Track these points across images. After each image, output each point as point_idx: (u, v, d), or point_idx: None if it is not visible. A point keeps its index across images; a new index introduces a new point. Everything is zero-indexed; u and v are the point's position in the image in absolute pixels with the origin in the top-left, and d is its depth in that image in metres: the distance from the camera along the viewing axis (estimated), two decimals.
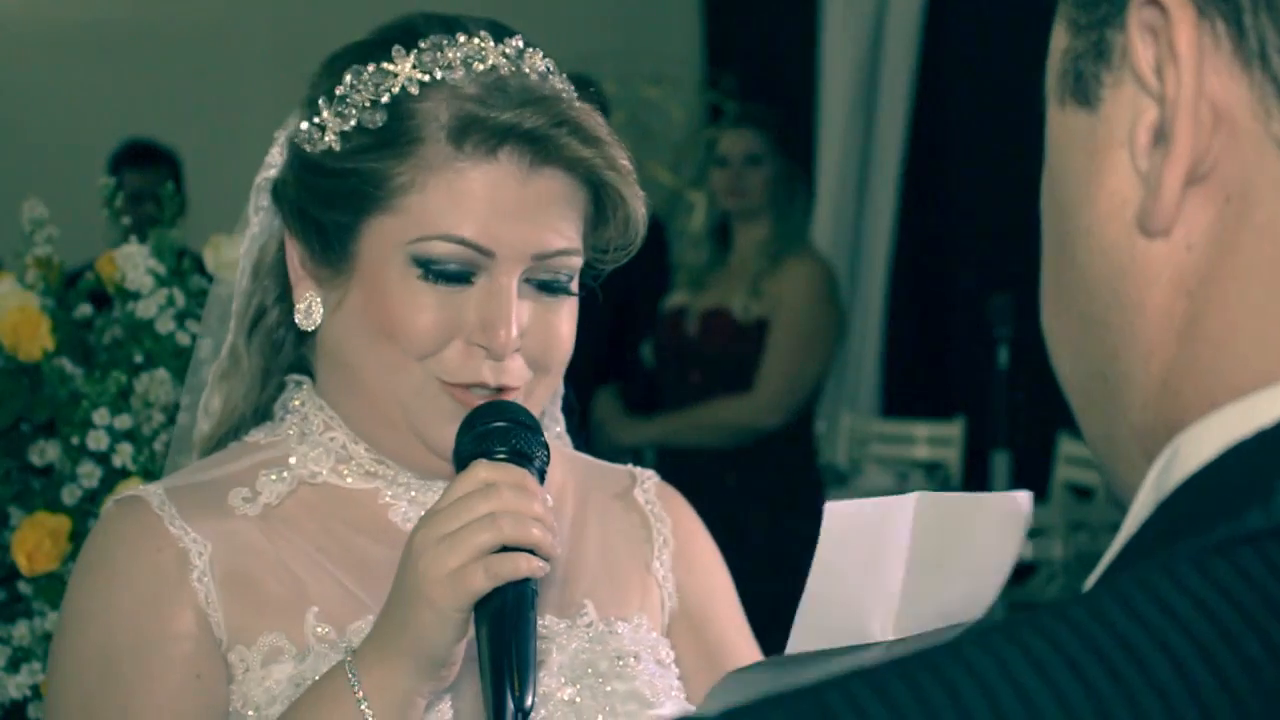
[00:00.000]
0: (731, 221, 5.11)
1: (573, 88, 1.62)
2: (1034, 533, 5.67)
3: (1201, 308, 0.71)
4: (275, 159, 1.66)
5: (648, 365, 5.43)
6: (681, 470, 4.93)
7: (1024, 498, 1.44)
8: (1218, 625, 0.62)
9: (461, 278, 1.55)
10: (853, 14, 7.46)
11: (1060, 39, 0.76)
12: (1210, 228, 0.71)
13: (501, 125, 1.53)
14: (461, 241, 1.54)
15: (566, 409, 1.82)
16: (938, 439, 6.79)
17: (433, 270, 1.54)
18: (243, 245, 1.71)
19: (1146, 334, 0.73)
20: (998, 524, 1.44)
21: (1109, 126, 0.73)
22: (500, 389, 1.57)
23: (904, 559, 1.36)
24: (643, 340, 5.42)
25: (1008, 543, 1.45)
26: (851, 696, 0.62)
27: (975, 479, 6.22)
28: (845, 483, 6.11)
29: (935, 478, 6.50)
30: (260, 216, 1.69)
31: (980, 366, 4.53)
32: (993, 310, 4.41)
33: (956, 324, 7.18)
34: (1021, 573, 5.77)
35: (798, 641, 1.32)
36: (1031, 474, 5.91)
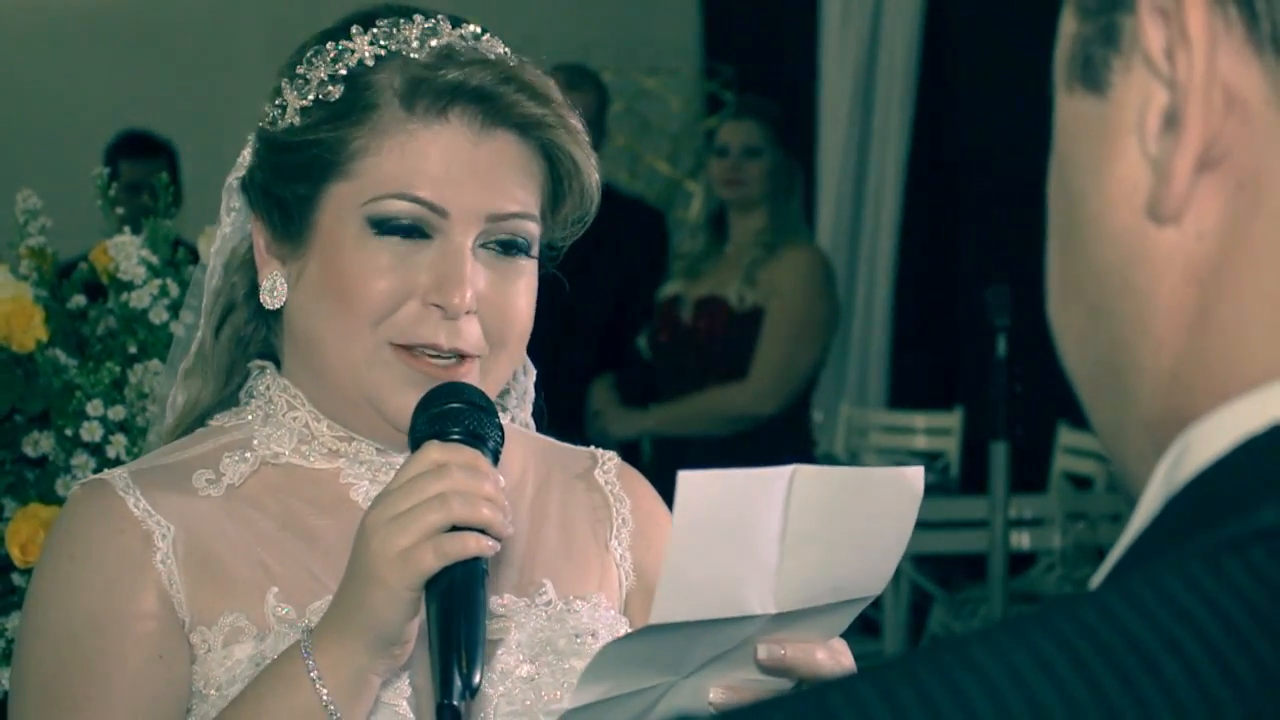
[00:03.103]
0: (728, 211, 5.11)
1: (530, 65, 1.63)
2: (1032, 522, 5.66)
3: (1213, 297, 0.69)
4: (245, 158, 1.69)
5: (644, 356, 5.43)
6: (678, 460, 4.94)
7: (915, 474, 1.43)
8: (1230, 626, 0.60)
9: (415, 232, 1.57)
10: (852, 4, 7.44)
11: (1068, 24, 0.74)
12: (1222, 215, 0.69)
13: (449, 84, 1.56)
14: (415, 199, 1.56)
15: (536, 414, 1.83)
16: (937, 429, 6.79)
17: (387, 227, 1.56)
18: (214, 244, 1.73)
19: (1156, 324, 0.71)
20: (888, 499, 1.43)
21: (1118, 112, 0.71)
22: (455, 354, 1.58)
23: (778, 531, 1.35)
24: (640, 331, 5.42)
25: (900, 518, 1.44)
26: (854, 697, 0.61)
27: (974, 469, 6.21)
28: None
29: (934, 468, 6.49)
30: (232, 217, 1.71)
31: (980, 357, 4.52)
32: (990, 300, 4.38)
33: (957, 314, 7.17)
34: (1020, 563, 5.76)
35: (662, 611, 1.32)
36: (1030, 464, 5.91)
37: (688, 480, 1.29)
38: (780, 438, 4.95)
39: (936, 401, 6.94)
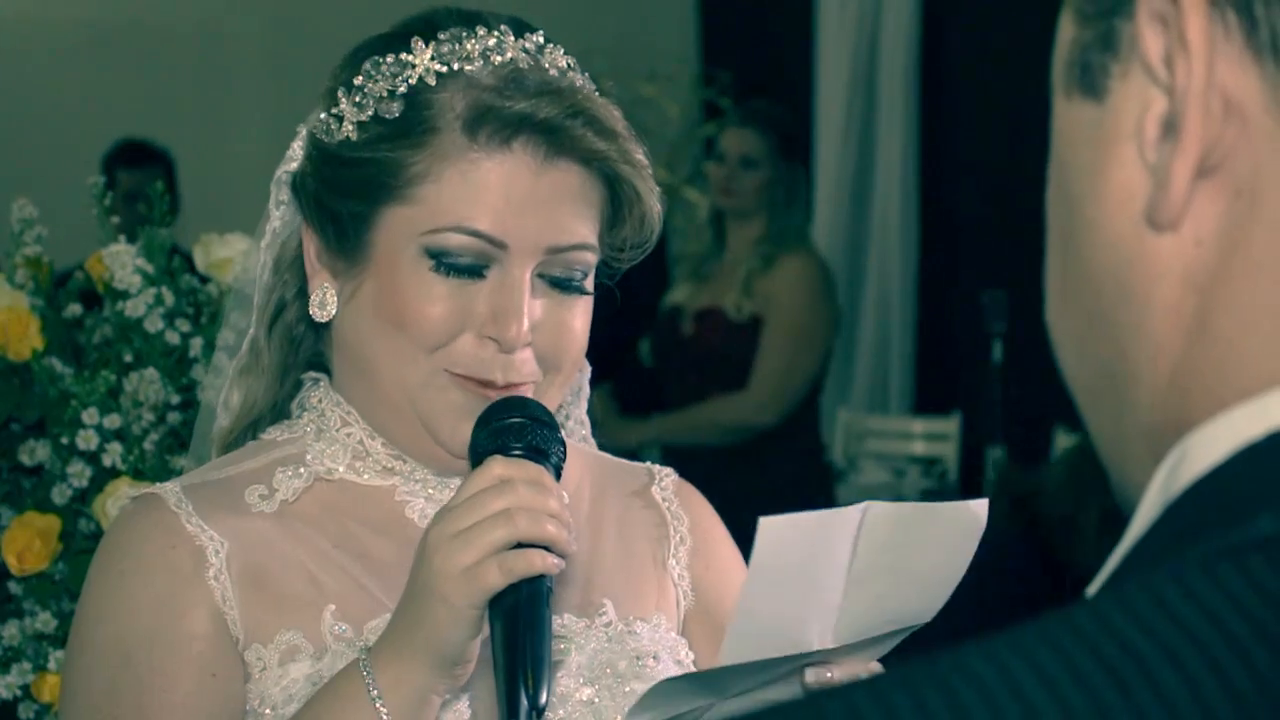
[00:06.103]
0: (725, 218, 5.10)
1: (594, 85, 1.60)
2: None
3: (1211, 304, 0.69)
4: (296, 152, 1.65)
5: (646, 364, 5.42)
6: (684, 470, 4.94)
7: (980, 506, 1.43)
8: (1228, 635, 0.60)
9: (474, 271, 1.54)
10: (849, 10, 7.45)
11: (1067, 29, 0.74)
12: (1220, 223, 0.69)
13: (515, 115, 1.52)
14: (474, 233, 1.53)
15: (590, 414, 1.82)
16: (934, 434, 6.79)
17: (445, 263, 1.54)
18: (264, 239, 1.70)
19: (1154, 331, 0.71)
20: (951, 532, 1.43)
21: (1117, 118, 0.71)
22: (508, 387, 1.55)
23: (844, 568, 1.35)
24: (640, 339, 5.42)
25: (960, 550, 1.44)
26: (852, 707, 0.61)
27: (972, 474, 6.21)
28: (843, 479, 6.10)
29: (932, 473, 6.49)
30: (281, 210, 1.68)
31: (977, 362, 4.52)
32: (987, 306, 4.39)
33: (954, 320, 7.17)
34: None
35: (731, 653, 1.32)
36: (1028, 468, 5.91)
37: (769, 526, 1.28)
38: (790, 445, 4.95)
39: (934, 407, 6.94)
